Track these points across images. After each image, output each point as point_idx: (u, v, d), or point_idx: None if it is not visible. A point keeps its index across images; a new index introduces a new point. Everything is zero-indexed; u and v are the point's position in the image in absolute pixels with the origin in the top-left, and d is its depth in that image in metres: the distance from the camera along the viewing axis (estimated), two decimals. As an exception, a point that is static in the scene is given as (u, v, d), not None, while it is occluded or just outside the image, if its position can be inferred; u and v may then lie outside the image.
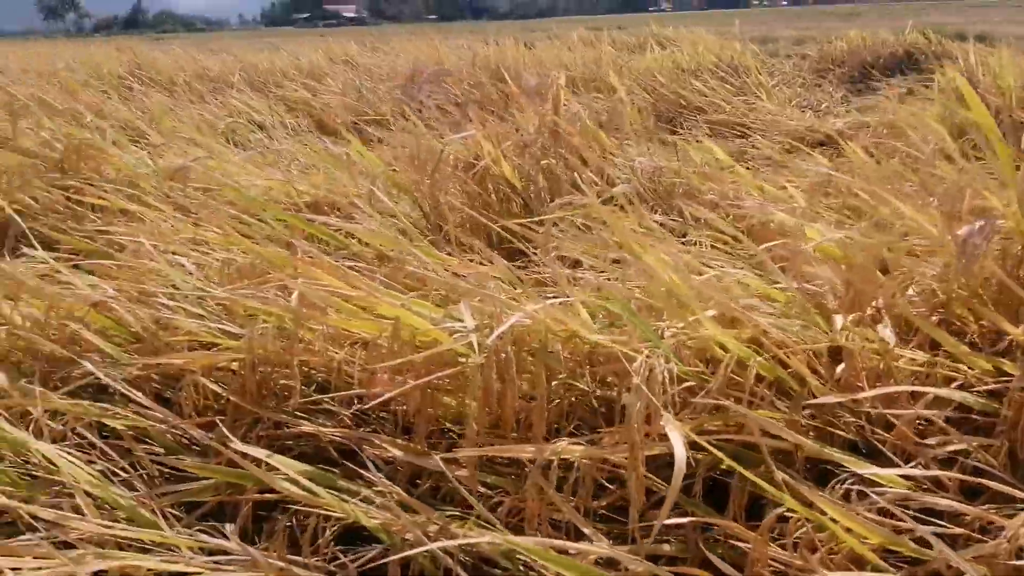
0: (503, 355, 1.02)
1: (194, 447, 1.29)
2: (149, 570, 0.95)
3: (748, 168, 2.82)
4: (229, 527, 1.13)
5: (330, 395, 1.27)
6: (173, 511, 1.14)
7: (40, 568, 0.94)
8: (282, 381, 1.31)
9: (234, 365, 1.29)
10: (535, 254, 1.84)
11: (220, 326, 1.36)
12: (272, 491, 1.17)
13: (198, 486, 1.15)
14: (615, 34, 9.16)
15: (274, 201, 2.37)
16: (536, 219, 1.66)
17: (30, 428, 1.17)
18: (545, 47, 6.45)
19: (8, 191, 2.15)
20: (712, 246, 1.91)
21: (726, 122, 4.31)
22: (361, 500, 1.04)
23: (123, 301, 1.43)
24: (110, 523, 1.03)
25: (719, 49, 5.23)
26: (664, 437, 0.92)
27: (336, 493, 1.02)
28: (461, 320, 1.16)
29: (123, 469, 1.19)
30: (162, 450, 1.25)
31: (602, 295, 1.07)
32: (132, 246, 1.66)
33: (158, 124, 3.66)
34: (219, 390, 1.24)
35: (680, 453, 0.80)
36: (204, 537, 1.05)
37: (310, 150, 3.46)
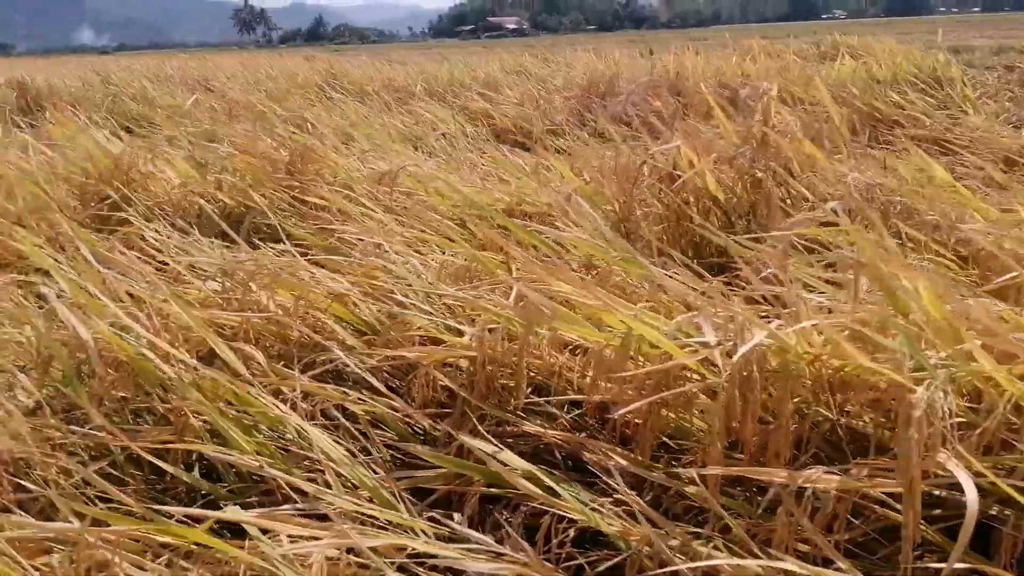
0: (747, 374, 1.00)
1: (418, 435, 1.37)
2: (401, 549, 1.01)
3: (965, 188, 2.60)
4: (457, 516, 1.18)
5: (551, 398, 1.30)
6: (406, 495, 1.22)
7: (300, 537, 1.02)
8: (501, 381, 1.36)
9: (462, 362, 1.35)
10: (740, 270, 1.80)
11: (448, 323, 1.43)
12: (498, 485, 1.21)
13: (432, 474, 1.22)
14: (790, 43, 8.80)
15: (470, 207, 2.48)
16: (755, 235, 1.61)
17: (288, 406, 1.28)
18: (720, 56, 6.28)
19: (243, 189, 2.39)
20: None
21: (926, 137, 4.00)
22: (591, 505, 1.06)
23: (357, 295, 1.55)
24: (358, 501, 1.12)
25: (919, 59, 4.86)
26: (933, 474, 0.86)
27: (573, 495, 1.04)
28: (692, 335, 1.15)
29: (363, 450, 1.28)
30: (394, 436, 1.33)
31: (859, 319, 1.03)
32: (360, 244, 1.78)
33: (355, 131, 3.93)
34: (451, 385, 1.30)
35: (972, 495, 0.75)
36: (435, 523, 1.11)
37: (490, 158, 3.58)
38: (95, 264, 1.77)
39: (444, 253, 1.86)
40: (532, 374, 1.37)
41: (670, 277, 1.65)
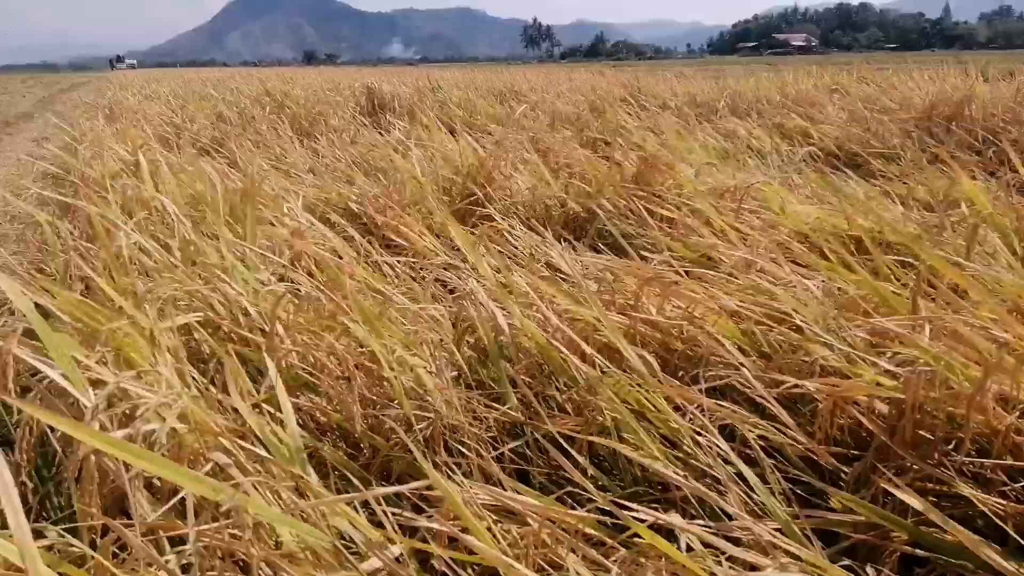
0: None
1: (815, 472, 1.28)
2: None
3: None
4: (871, 571, 1.07)
5: (990, 461, 1.13)
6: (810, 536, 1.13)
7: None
8: (920, 431, 1.22)
9: (878, 404, 1.23)
10: None
11: (852, 355, 1.32)
12: (921, 545, 1.09)
13: (845, 518, 1.12)
14: None
15: (823, 231, 2.31)
16: None
17: (686, 417, 1.26)
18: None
19: (590, 195, 2.46)
20: None
21: None
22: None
23: (740, 312, 1.49)
24: (772, 532, 1.05)
25: None
26: None
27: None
28: None
29: (759, 476, 1.22)
30: (789, 468, 1.25)
31: None
32: (730, 260, 1.73)
33: (670, 145, 3.91)
34: (870, 426, 1.19)
35: None
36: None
37: (810, 179, 3.34)
38: (465, 250, 1.91)
39: (803, 275, 1.74)
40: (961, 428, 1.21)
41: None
